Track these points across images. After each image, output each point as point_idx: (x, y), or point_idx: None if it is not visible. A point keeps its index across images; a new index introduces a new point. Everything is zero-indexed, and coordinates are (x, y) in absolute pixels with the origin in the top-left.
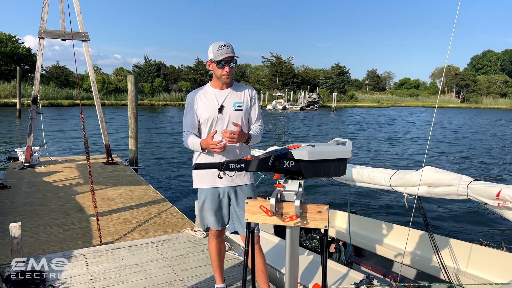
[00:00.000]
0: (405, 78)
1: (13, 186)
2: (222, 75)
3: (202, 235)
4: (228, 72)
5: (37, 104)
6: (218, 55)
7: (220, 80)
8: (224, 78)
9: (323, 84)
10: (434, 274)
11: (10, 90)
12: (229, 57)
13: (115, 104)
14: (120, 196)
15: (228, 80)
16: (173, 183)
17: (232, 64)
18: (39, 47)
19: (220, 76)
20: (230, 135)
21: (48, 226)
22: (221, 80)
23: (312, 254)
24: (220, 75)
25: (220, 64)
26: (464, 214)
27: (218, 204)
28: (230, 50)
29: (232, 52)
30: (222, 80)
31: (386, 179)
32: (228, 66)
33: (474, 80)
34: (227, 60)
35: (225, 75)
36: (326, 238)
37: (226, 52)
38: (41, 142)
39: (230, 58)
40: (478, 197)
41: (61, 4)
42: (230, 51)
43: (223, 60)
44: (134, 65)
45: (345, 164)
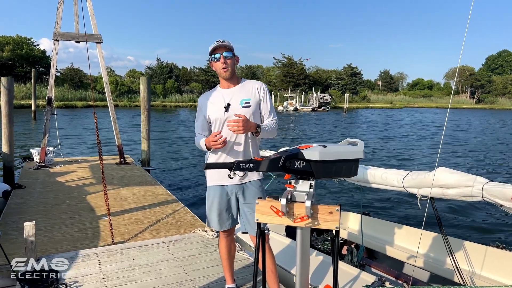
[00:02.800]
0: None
1: (28, 186)
2: (221, 68)
3: (213, 236)
4: (224, 63)
5: (52, 105)
6: (212, 49)
7: (221, 76)
8: (223, 72)
9: (335, 85)
10: (448, 277)
11: (25, 92)
12: (221, 48)
13: (127, 105)
14: (132, 196)
15: (227, 74)
16: (185, 183)
17: (227, 55)
18: (54, 49)
19: (220, 71)
20: (233, 124)
21: (62, 226)
22: (222, 75)
23: (324, 255)
24: (220, 69)
25: (215, 58)
26: (479, 216)
27: (226, 203)
28: (223, 43)
29: (226, 44)
30: (222, 75)
31: (399, 180)
32: (222, 57)
33: (489, 80)
34: (220, 52)
35: (223, 68)
36: (337, 238)
37: (218, 44)
38: (55, 142)
39: (223, 49)
40: (493, 198)
41: (75, 7)
42: (223, 43)
43: (216, 52)
44: (147, 66)
45: (357, 164)
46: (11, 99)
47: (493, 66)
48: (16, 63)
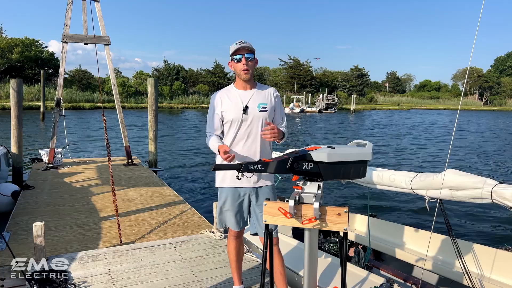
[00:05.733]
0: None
1: (37, 186)
2: (241, 70)
3: (220, 237)
4: (245, 64)
5: (60, 107)
6: (234, 50)
7: (240, 77)
8: (243, 74)
9: (342, 87)
10: (457, 279)
11: (34, 93)
12: (243, 49)
13: (135, 107)
14: (139, 197)
15: (247, 76)
16: (192, 185)
17: (248, 57)
18: (63, 51)
19: (240, 72)
20: (271, 132)
21: (70, 226)
22: (241, 77)
23: (331, 257)
24: (240, 70)
25: (237, 59)
26: (488, 218)
27: (238, 204)
28: (246, 44)
29: (249, 46)
30: (242, 76)
31: (407, 182)
32: (244, 58)
33: (497, 82)
34: (242, 54)
35: (244, 70)
36: (345, 240)
37: (241, 45)
38: (64, 144)
39: (246, 51)
40: (503, 200)
41: (84, 9)
42: (245, 45)
43: (239, 53)
44: (154, 68)
45: (365, 166)
46: (20, 101)
47: (502, 68)
48: (25, 65)
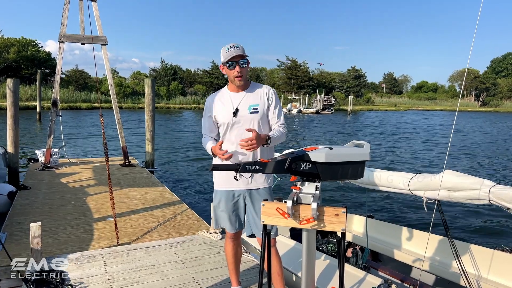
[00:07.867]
0: (423, 81)
1: (33, 187)
2: (234, 76)
3: (218, 237)
4: (239, 72)
5: (57, 107)
6: (227, 57)
7: (234, 83)
8: (237, 81)
9: (339, 88)
10: (454, 280)
11: (30, 93)
12: (237, 56)
13: (132, 107)
14: (136, 198)
15: (240, 82)
16: (189, 185)
17: (242, 63)
18: (59, 51)
19: (233, 79)
20: (248, 143)
21: (67, 227)
22: (235, 83)
23: (329, 258)
24: (233, 77)
25: (230, 66)
26: (486, 219)
27: (232, 206)
28: (239, 50)
29: (242, 52)
30: (235, 83)
31: (404, 183)
32: (238, 65)
33: (494, 83)
34: (236, 60)
35: (237, 77)
36: (343, 241)
37: (234, 52)
38: (60, 144)
39: (239, 58)
40: (500, 202)
41: (81, 9)
42: (239, 51)
43: (232, 60)
44: (151, 68)
45: (363, 166)
46: (17, 101)
47: (498, 69)
48: (22, 65)
